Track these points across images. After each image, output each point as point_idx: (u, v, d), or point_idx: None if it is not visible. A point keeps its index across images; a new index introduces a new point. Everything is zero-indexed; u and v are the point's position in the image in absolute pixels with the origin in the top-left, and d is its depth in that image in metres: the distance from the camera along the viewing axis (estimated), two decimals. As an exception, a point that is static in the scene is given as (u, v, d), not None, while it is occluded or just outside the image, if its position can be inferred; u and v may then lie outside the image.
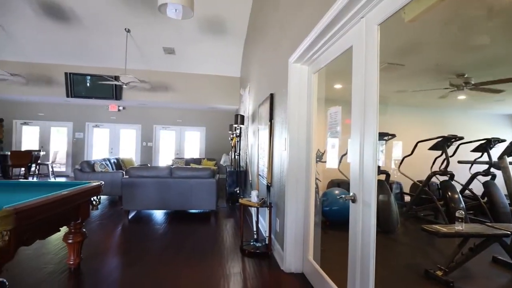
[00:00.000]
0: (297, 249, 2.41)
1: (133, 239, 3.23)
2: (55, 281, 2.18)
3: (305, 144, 2.41)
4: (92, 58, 7.11)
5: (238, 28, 6.05)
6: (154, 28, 5.92)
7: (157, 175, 4.04)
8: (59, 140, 9.17)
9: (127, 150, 9.43)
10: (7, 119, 8.77)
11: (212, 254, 2.81)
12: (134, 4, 5.24)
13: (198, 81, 8.00)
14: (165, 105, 8.85)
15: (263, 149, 3.56)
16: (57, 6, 5.30)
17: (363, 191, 1.46)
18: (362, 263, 1.46)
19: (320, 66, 2.17)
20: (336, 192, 4.12)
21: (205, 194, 4.08)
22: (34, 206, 1.56)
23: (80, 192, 2.12)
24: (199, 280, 2.25)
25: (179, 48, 6.77)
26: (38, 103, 8.84)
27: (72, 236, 2.35)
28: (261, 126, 3.76)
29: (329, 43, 1.90)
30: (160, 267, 2.48)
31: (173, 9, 3.81)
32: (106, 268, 2.44)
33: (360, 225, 1.47)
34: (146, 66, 7.51)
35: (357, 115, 1.53)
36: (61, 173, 8.98)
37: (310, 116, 2.36)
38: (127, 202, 3.96)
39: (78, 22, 5.76)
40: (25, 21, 5.75)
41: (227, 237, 3.36)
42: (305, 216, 2.39)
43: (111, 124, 9.29)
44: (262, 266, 2.57)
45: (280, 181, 2.72)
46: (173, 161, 8.02)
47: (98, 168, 5.15)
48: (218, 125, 9.75)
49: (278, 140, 2.86)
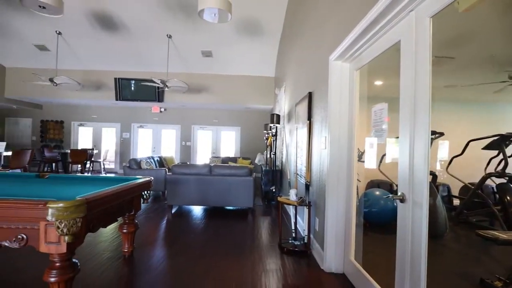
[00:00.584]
0: (337, 249, 2.38)
1: (177, 232, 3.43)
2: (113, 266, 2.42)
3: (346, 143, 2.37)
4: (138, 64, 7.67)
5: (273, 28, 6.09)
6: (193, 33, 6.21)
7: (198, 172, 4.24)
8: (109, 140, 10.03)
9: (167, 149, 10.00)
10: (66, 121, 9.84)
11: (251, 250, 2.89)
12: (175, 12, 5.55)
13: (233, 82, 8.21)
14: (202, 106, 9.22)
15: (301, 148, 3.56)
16: (109, 17, 5.82)
17: (413, 190, 1.40)
18: (412, 267, 1.41)
19: (363, 63, 2.13)
20: (377, 193, 3.96)
21: (243, 192, 4.19)
22: (101, 196, 1.76)
23: (134, 187, 2.32)
24: (241, 274, 2.34)
25: (216, 51, 7.01)
26: (92, 106, 9.77)
27: (126, 226, 2.59)
28: (298, 125, 3.76)
29: (373, 39, 1.86)
30: (203, 260, 2.61)
31: (212, 14, 3.98)
32: (155, 257, 2.64)
33: (410, 226, 1.42)
34: (186, 69, 7.89)
35: (406, 112, 1.48)
36: (110, 169, 9.82)
37: (352, 114, 2.31)
38: (170, 197, 4.22)
39: (126, 31, 6.26)
40: (82, 33, 6.40)
41: (265, 234, 3.42)
42: (346, 215, 2.36)
43: (153, 125, 9.93)
44: (301, 264, 2.58)
45: (320, 180, 2.70)
46: (210, 160, 8.33)
47: (144, 165, 5.55)
48: (253, 125, 9.89)
49: (317, 138, 2.84)
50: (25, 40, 6.83)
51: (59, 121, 9.83)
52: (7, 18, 6.00)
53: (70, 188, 2.18)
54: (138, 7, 5.48)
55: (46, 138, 9.81)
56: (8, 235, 1.59)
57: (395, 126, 1.71)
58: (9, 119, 10.00)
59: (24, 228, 1.59)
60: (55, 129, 9.84)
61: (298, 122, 3.79)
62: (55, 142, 9.80)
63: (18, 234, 1.59)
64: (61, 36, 6.57)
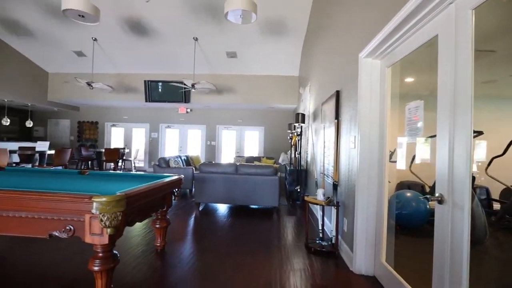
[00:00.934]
0: (368, 251, 2.32)
1: (205, 229, 3.53)
2: (147, 259, 2.55)
3: (377, 142, 2.30)
4: (166, 66, 7.97)
5: (297, 28, 6.05)
6: (218, 35, 6.34)
7: (224, 171, 4.33)
8: (139, 139, 10.52)
9: (193, 148, 10.29)
10: (100, 122, 10.47)
11: (278, 249, 2.90)
12: (202, 15, 5.70)
13: (257, 82, 8.26)
14: (227, 106, 9.37)
15: (328, 147, 3.51)
16: (140, 23, 6.10)
17: (453, 191, 1.34)
18: (452, 273, 1.34)
19: (395, 60, 2.06)
20: (408, 194, 3.80)
21: (268, 191, 4.21)
22: (138, 192, 1.87)
23: (167, 184, 2.43)
24: (269, 272, 2.36)
25: (241, 51, 7.09)
26: (123, 108, 10.30)
27: (159, 222, 2.71)
28: (325, 124, 3.71)
29: (407, 34, 1.79)
30: (231, 257, 2.67)
31: (238, 15, 4.04)
32: (185, 252, 2.74)
33: (449, 229, 1.36)
34: (211, 70, 8.07)
35: (445, 110, 1.42)
36: (140, 168, 10.29)
37: (383, 112, 2.25)
38: (198, 195, 4.34)
39: (155, 35, 6.54)
40: (115, 39, 6.78)
41: (290, 234, 3.42)
42: (377, 217, 2.29)
43: (180, 125, 10.27)
44: (330, 265, 2.55)
45: (348, 179, 2.65)
46: (234, 159, 8.44)
47: (172, 164, 5.76)
48: (277, 125, 9.89)
49: (346, 137, 2.79)
50: (65, 47, 7.36)
51: (94, 122, 10.48)
52: (52, 28, 6.51)
53: (109, 184, 2.33)
54: (167, 12, 5.70)
55: (82, 138, 10.51)
56: (58, 226, 1.74)
57: (427, 124, 1.64)
58: (50, 120, 10.83)
59: (71, 220, 1.73)
60: (90, 130, 10.51)
61: (325, 121, 3.74)
62: (90, 142, 10.46)
63: (67, 226, 1.73)
64: (96, 42, 7.00)
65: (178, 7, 5.53)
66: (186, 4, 5.44)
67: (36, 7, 5.81)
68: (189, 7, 5.51)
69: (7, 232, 1.81)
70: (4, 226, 1.79)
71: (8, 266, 2.32)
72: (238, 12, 3.87)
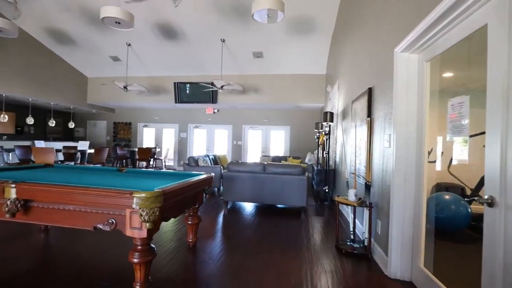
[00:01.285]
0: (404, 254, 2.22)
1: (233, 227, 3.59)
2: (179, 254, 2.64)
3: (414, 140, 2.19)
4: (194, 68, 8.20)
5: (325, 25, 5.93)
6: (245, 35, 6.40)
7: (252, 170, 4.36)
8: (168, 139, 10.94)
9: (220, 148, 10.48)
10: (133, 123, 11.04)
11: (307, 249, 2.87)
12: (229, 16, 5.79)
13: (283, 81, 8.21)
14: (253, 106, 9.43)
15: (359, 146, 3.40)
16: (170, 27, 6.34)
17: (506, 193, 1.24)
18: (506, 281, 1.24)
19: (435, 53, 1.94)
20: (447, 196, 3.57)
21: (296, 191, 4.18)
22: (174, 189, 1.95)
23: (199, 182, 2.50)
24: (299, 272, 2.34)
25: (267, 51, 7.10)
26: (154, 109, 10.77)
27: (191, 218, 2.80)
28: (356, 122, 3.59)
29: (450, 25, 1.68)
30: (260, 255, 2.68)
31: (265, 14, 4.04)
32: (216, 249, 2.80)
33: (502, 235, 1.25)
34: (237, 71, 8.17)
35: (496, 106, 1.31)
36: (169, 166, 10.69)
37: (421, 109, 2.13)
38: (226, 194, 4.42)
39: (184, 38, 6.75)
40: (148, 43, 7.11)
41: (320, 234, 3.36)
42: (415, 219, 2.18)
43: (207, 125, 10.52)
44: (362, 267, 2.47)
45: (383, 180, 2.55)
46: (261, 159, 8.47)
47: (201, 163, 5.92)
48: (303, 124, 9.77)
49: (379, 136, 2.69)
50: (102, 53, 7.86)
51: (127, 123, 11.08)
52: (91, 36, 6.99)
53: (145, 180, 2.44)
54: (195, 15, 5.86)
55: (117, 138, 11.15)
56: (102, 219, 1.86)
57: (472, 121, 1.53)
58: (89, 121, 11.63)
59: (113, 214, 1.84)
60: (125, 130, 11.12)
61: (356, 120, 3.62)
62: (124, 141, 11.07)
63: (109, 219, 1.85)
64: (130, 47, 7.39)
65: (205, 9, 5.66)
66: (213, 5, 5.56)
67: (78, 17, 6.26)
68: (216, 8, 5.63)
69: (57, 223, 1.97)
70: (55, 218, 1.96)
71: (57, 255, 2.53)
72: (264, 11, 3.88)
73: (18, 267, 2.25)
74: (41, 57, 7.64)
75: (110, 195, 1.77)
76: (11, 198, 1.91)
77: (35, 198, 1.94)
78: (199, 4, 5.53)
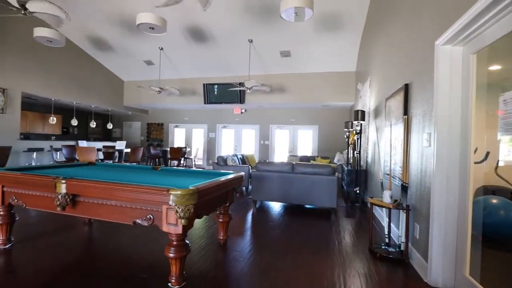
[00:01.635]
0: (446, 261, 2.07)
1: (262, 226, 3.60)
2: (211, 251, 2.71)
3: (458, 139, 2.04)
4: (222, 69, 8.37)
5: (354, 21, 5.73)
6: (272, 35, 6.39)
7: (281, 170, 4.35)
8: (198, 139, 11.27)
9: (247, 148, 10.58)
10: (165, 123, 11.53)
11: (339, 251, 2.79)
12: (256, 16, 5.82)
13: (311, 80, 8.08)
14: (280, 106, 9.39)
15: (394, 146, 3.24)
16: (200, 30, 6.53)
17: None
18: None
19: (483, 45, 1.79)
20: (495, 201, 3.27)
21: (325, 191, 4.09)
22: (208, 187, 2.00)
23: (230, 180, 2.55)
24: (331, 274, 2.28)
25: (294, 50, 7.03)
26: (184, 110, 11.16)
27: (222, 216, 2.86)
28: (391, 121, 3.43)
29: (502, 13, 1.54)
30: (290, 255, 2.66)
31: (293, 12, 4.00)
32: (245, 247, 2.83)
33: None
34: (265, 71, 8.19)
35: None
36: (199, 165, 11.01)
37: (466, 105, 1.98)
38: (255, 193, 4.45)
39: (213, 40, 6.91)
40: (179, 47, 7.38)
41: (351, 236, 3.25)
42: (459, 224, 2.03)
43: (235, 125, 10.67)
44: (399, 273, 2.35)
45: (421, 181, 2.40)
46: (288, 158, 8.41)
47: (230, 162, 6.02)
48: (331, 123, 9.54)
49: (417, 135, 2.54)
50: (137, 58, 8.30)
51: (160, 124, 11.59)
52: (126, 42, 7.41)
53: (179, 179, 2.54)
54: (223, 17, 5.97)
55: (150, 138, 11.72)
56: (141, 214, 1.96)
57: None
58: (125, 123, 12.35)
59: (151, 210, 1.94)
60: (157, 130, 11.65)
61: (390, 118, 3.46)
62: (157, 141, 11.60)
63: (147, 215, 1.94)
64: (162, 51, 7.72)
65: (234, 10, 5.74)
66: (241, 6, 5.62)
67: (115, 24, 6.67)
68: (244, 9, 5.68)
69: (101, 217, 2.12)
70: (99, 212, 2.11)
71: (99, 247, 2.72)
72: (292, 9, 3.84)
73: (65, 255, 2.46)
74: (83, 63, 8.27)
75: (148, 192, 1.86)
76: (62, 193, 2.09)
77: (82, 193, 2.11)
78: (228, 6, 5.63)
